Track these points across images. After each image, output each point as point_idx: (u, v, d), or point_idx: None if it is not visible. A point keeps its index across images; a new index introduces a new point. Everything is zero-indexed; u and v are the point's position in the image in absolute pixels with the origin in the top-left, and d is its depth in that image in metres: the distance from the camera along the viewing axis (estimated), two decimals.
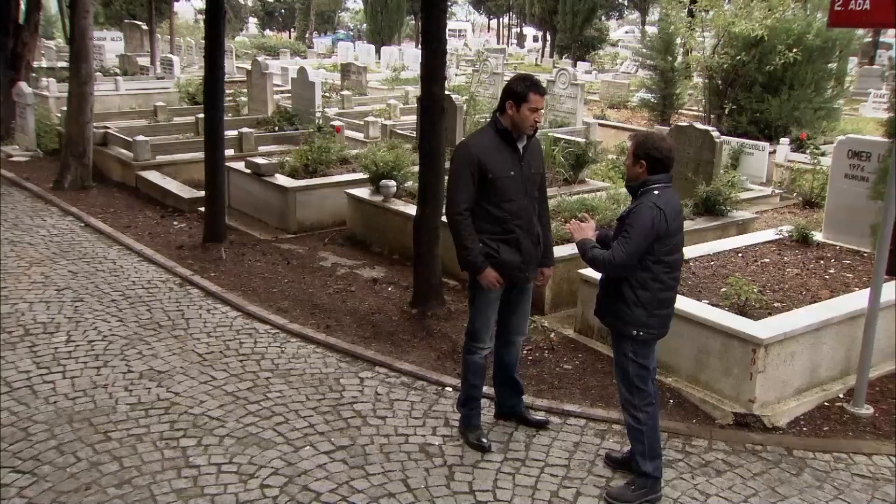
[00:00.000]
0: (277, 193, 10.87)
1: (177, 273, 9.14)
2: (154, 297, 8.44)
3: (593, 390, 6.53)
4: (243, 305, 8.17)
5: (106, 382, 6.51)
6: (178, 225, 11.17)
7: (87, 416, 5.95)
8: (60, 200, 11.97)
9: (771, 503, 5.20)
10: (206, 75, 9.99)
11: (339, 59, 34.48)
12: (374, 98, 21.34)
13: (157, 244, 10.21)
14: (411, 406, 6.22)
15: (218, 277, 9.00)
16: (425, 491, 5.14)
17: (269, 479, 5.22)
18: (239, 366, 6.88)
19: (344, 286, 8.82)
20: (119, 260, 9.58)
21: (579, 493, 5.17)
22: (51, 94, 17.29)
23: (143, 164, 13.02)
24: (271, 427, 5.87)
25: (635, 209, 4.85)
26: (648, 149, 4.89)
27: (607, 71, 28.61)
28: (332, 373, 6.78)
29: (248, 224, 11.04)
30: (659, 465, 5.15)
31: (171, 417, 5.98)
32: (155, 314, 7.96)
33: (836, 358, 6.72)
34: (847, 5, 5.84)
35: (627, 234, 4.80)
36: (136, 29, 31.55)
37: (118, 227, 10.85)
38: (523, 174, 5.36)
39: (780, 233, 8.83)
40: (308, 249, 10.09)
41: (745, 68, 16.06)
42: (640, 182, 4.92)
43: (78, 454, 5.46)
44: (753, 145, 13.88)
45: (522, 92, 5.22)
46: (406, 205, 9.71)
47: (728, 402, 6.29)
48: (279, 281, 8.94)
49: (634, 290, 4.91)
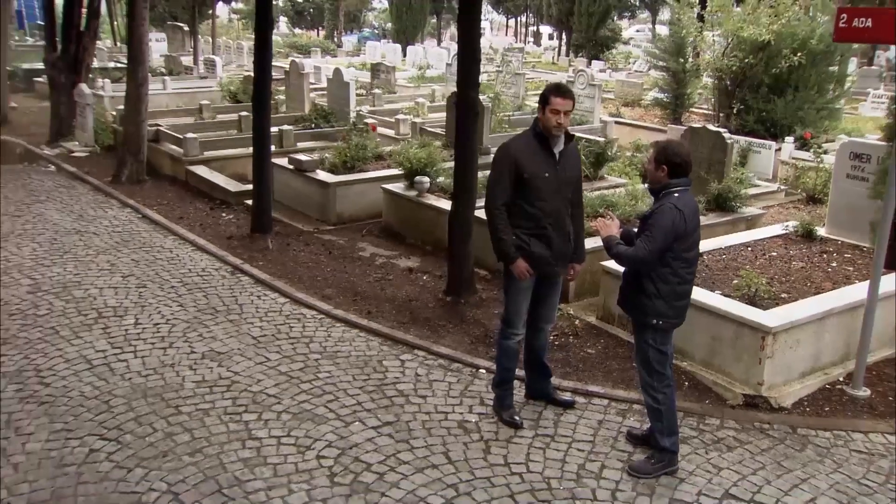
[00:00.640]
0: (319, 188, 11.04)
1: (228, 262, 9.32)
2: (209, 283, 8.65)
3: (615, 373, 6.71)
4: (291, 292, 8.34)
5: (172, 362, 6.75)
6: (226, 216, 11.35)
7: (159, 392, 6.21)
8: (119, 193, 12.18)
9: (777, 476, 5.37)
10: (255, 81, 10.17)
11: (367, 58, 34.50)
12: (403, 96, 21.39)
13: (209, 234, 10.39)
14: (449, 386, 6.42)
15: (266, 266, 9.16)
16: (465, 463, 5.36)
17: (323, 451, 5.45)
18: (290, 348, 7.08)
19: (382, 275, 9.00)
20: (175, 249, 9.79)
21: (604, 466, 5.38)
22: (105, 94, 17.53)
23: (192, 160, 13.21)
24: (323, 404, 6.09)
25: (657, 210, 5.06)
26: (669, 155, 5.10)
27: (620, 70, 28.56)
28: (375, 355, 6.98)
29: (291, 216, 11.17)
30: (676, 440, 5.37)
31: (233, 394, 6.21)
32: (211, 300, 8.17)
33: (836, 344, 6.86)
34: (850, 23, 5.99)
35: (650, 233, 5.01)
36: (179, 30, 31.75)
37: (172, 219, 11.04)
38: (558, 176, 5.54)
39: (786, 228, 8.93)
40: (348, 240, 10.23)
41: (753, 70, 16.08)
42: (662, 185, 5.13)
43: (154, 425, 5.73)
44: (760, 144, 13.95)
45: (545, 95, 5.44)
46: (438, 199, 9.88)
47: (738, 385, 6.45)
48: (322, 270, 9.12)
49: (654, 283, 5.12)
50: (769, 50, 15.70)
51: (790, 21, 15.45)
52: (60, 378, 6.39)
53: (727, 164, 9.99)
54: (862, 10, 6.18)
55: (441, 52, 34.20)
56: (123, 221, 10.91)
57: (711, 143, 10.04)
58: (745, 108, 16.44)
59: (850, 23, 5.98)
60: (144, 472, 5.17)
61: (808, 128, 15.11)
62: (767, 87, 16.10)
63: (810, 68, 15.68)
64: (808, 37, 15.49)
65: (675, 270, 5.10)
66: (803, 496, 5.18)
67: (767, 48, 15.70)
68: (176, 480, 5.08)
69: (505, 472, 5.28)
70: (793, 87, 15.83)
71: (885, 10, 6.23)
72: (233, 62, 29.97)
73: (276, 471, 5.23)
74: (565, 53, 39.88)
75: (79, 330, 7.31)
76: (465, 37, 8.05)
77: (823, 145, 13.98)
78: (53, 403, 5.99)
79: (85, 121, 15.07)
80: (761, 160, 13.57)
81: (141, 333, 7.30)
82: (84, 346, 6.99)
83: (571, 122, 14.67)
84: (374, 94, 20.02)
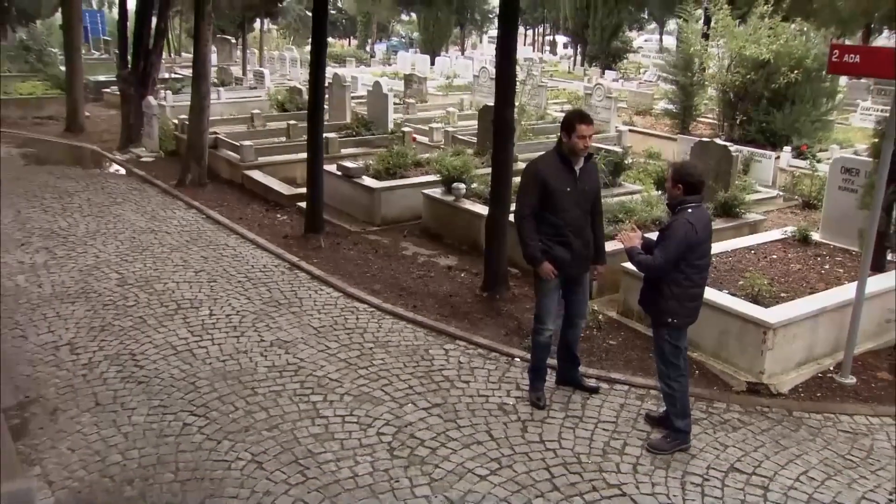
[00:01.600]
0: (365, 192, 11.31)
1: (285, 259, 9.59)
2: (270, 278, 8.95)
3: (634, 362, 7.02)
4: (344, 287, 8.62)
5: (245, 349, 7.09)
6: (280, 217, 11.58)
7: (237, 375, 6.58)
8: (184, 196, 12.50)
9: (775, 452, 5.69)
10: (310, 95, 10.39)
11: (398, 68, 34.73)
12: (433, 105, 21.61)
13: (266, 234, 10.63)
14: (488, 373, 6.74)
15: (320, 263, 9.41)
16: (505, 440, 5.71)
17: (383, 429, 5.80)
18: (347, 337, 7.40)
19: (424, 272, 9.28)
20: (238, 247, 10.08)
21: (626, 444, 5.72)
22: (167, 104, 17.92)
23: (248, 165, 13.49)
24: (379, 388, 6.43)
25: (673, 223, 5.40)
26: (684, 175, 5.45)
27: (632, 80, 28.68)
28: (421, 345, 7.29)
29: (339, 217, 11.36)
30: (688, 422, 5.71)
31: (301, 378, 6.56)
32: (273, 293, 8.48)
33: (828, 338, 7.12)
34: (842, 58, 6.30)
35: (666, 244, 5.37)
36: (227, 43, 32.10)
37: (232, 219, 11.31)
38: (578, 190, 5.91)
39: (784, 233, 9.13)
40: (391, 240, 10.46)
41: (754, 85, 16.33)
42: (678, 201, 5.46)
43: (235, 404, 6.11)
44: (761, 154, 14.15)
45: (571, 122, 5.82)
46: (473, 204, 10.15)
47: (742, 373, 6.74)
48: (370, 267, 9.39)
49: (670, 286, 5.46)
50: (769, 67, 16.00)
51: (787, 41, 15.68)
52: (152, 362, 6.79)
53: (732, 175, 10.25)
54: (851, 48, 6.55)
55: (467, 62, 34.44)
56: (190, 221, 11.23)
57: (719, 156, 10.30)
58: (747, 120, 16.71)
59: (841, 58, 6.30)
60: (231, 443, 5.56)
61: (804, 138, 15.33)
62: (767, 101, 16.35)
63: (806, 84, 15.94)
64: (803, 56, 15.77)
65: (687, 276, 5.44)
66: (797, 469, 5.51)
67: (767, 66, 16.00)
68: (258, 452, 5.47)
69: (540, 448, 5.63)
70: (790, 100, 16.08)
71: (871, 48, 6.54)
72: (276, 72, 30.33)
73: (342, 445, 5.59)
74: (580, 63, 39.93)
75: (162, 319, 7.69)
76: (503, 63, 8.34)
77: (817, 154, 14.21)
78: (149, 383, 6.40)
79: (151, 129, 15.49)
80: (762, 168, 13.79)
81: (216, 323, 7.65)
82: (168, 333, 7.38)
83: None
84: (407, 102, 20.30)
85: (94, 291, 8.35)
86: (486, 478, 5.24)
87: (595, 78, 29.79)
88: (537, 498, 5.06)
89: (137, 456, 5.40)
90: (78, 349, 7.00)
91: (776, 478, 5.40)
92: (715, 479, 5.36)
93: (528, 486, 5.18)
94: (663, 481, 5.30)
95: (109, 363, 6.74)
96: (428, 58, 36.59)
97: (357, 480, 5.17)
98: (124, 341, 7.17)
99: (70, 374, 6.55)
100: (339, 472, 5.26)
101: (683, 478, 5.35)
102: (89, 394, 6.22)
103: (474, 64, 33.46)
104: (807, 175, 13.19)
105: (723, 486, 5.28)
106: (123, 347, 7.04)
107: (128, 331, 7.40)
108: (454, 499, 5.01)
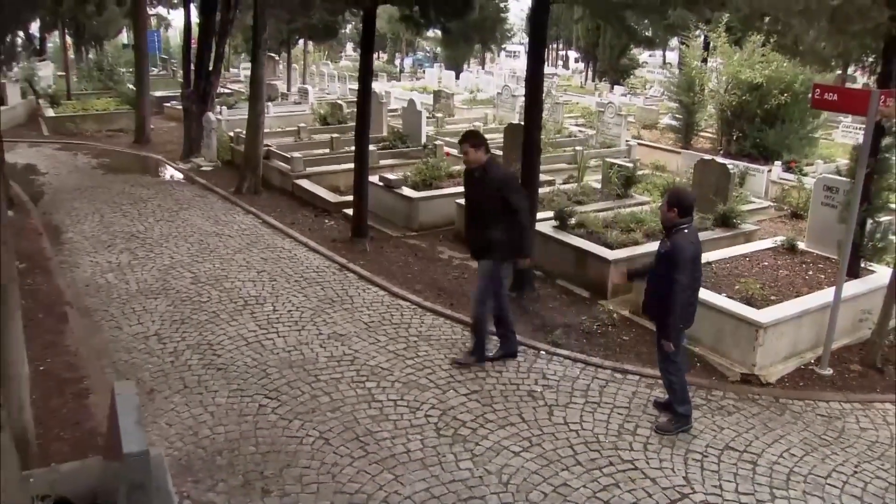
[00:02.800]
0: (404, 201, 11.68)
1: (335, 261, 9.93)
2: (323, 278, 9.33)
3: (644, 355, 7.37)
4: (389, 287, 8.97)
5: (306, 341, 7.50)
6: (328, 223, 11.93)
7: (301, 364, 7.00)
8: (242, 202, 12.89)
9: (763, 434, 6.09)
10: (357, 112, 10.81)
11: (426, 82, 35.14)
12: (460, 118, 21.89)
13: (316, 237, 10.96)
14: (518, 364, 7.11)
15: (366, 265, 9.75)
16: (535, 422, 6.11)
17: (429, 412, 6.22)
18: (394, 332, 7.78)
19: (459, 273, 9.62)
20: (292, 250, 10.45)
21: (637, 426, 6.12)
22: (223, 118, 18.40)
23: (297, 175, 13.85)
24: (424, 376, 6.82)
25: (680, 245, 5.64)
26: (681, 200, 5.77)
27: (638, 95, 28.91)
28: (459, 339, 7.65)
29: (380, 223, 11.69)
30: (689, 408, 6.08)
31: (356, 367, 6.97)
32: (327, 292, 8.85)
33: (810, 335, 7.46)
34: (823, 96, 6.70)
35: (681, 266, 5.59)
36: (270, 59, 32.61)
37: (286, 224, 11.65)
38: (471, 194, 7.02)
39: (775, 242, 9.41)
40: (428, 244, 10.79)
41: (749, 105, 16.76)
42: (673, 224, 5.77)
43: (301, 388, 6.53)
44: (755, 168, 14.47)
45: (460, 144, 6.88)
46: None
47: (737, 366, 7.11)
48: (411, 268, 9.75)
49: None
50: (762, 90, 16.46)
51: (778, 68, 16.06)
52: (227, 351, 7.25)
53: (730, 190, 10.55)
54: (830, 87, 6.97)
55: (488, 77, 34.81)
56: (249, 226, 11.62)
57: (718, 173, 10.60)
58: (743, 136, 17.15)
59: (822, 95, 6.71)
60: (301, 423, 6.00)
61: (793, 153, 15.71)
62: (760, 119, 16.78)
63: (794, 105, 16.34)
64: (792, 80, 16.21)
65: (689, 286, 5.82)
66: (781, 448, 5.92)
67: (760, 88, 16.47)
68: (324, 430, 5.91)
69: (564, 429, 6.03)
70: (781, 119, 16.48)
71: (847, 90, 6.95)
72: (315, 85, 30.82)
73: (395, 425, 6.01)
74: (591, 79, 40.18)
75: (233, 314, 8.14)
76: (532, 91, 8.64)
77: (804, 168, 14.56)
78: (227, 370, 6.86)
79: (210, 141, 15.97)
80: (756, 181, 14.08)
81: (279, 318, 8.06)
82: (239, 326, 7.82)
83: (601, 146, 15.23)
84: (437, 117, 20.65)
85: (172, 289, 8.83)
86: (519, 454, 5.66)
87: (605, 93, 30.07)
88: (563, 471, 5.47)
89: (223, 431, 5.86)
90: (164, 339, 7.48)
91: (763, 454, 5.80)
92: (712, 455, 5.76)
93: (554, 461, 5.59)
94: (669, 457, 5.69)
95: (192, 352, 7.21)
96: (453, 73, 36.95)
97: (409, 455, 5.60)
98: (202, 333, 7.64)
99: (160, 360, 7.03)
100: (394, 448, 5.68)
101: (686, 455, 5.74)
102: (178, 378, 6.70)
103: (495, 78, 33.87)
104: (795, 187, 13.53)
105: (719, 462, 5.68)
106: (202, 338, 7.51)
107: (204, 324, 7.86)
108: (492, 471, 5.44)
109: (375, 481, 5.28)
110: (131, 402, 3.65)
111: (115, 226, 11.29)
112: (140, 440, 3.32)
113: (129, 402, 3.63)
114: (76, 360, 6.92)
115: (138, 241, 10.57)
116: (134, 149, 17.95)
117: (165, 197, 13.27)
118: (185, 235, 10.95)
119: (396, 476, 5.35)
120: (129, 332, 7.61)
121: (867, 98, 6.45)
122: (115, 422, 3.55)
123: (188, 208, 12.54)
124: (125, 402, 3.62)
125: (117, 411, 3.56)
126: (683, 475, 5.49)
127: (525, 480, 5.34)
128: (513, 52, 65.93)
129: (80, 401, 6.23)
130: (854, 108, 6.97)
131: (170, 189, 13.94)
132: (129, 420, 3.44)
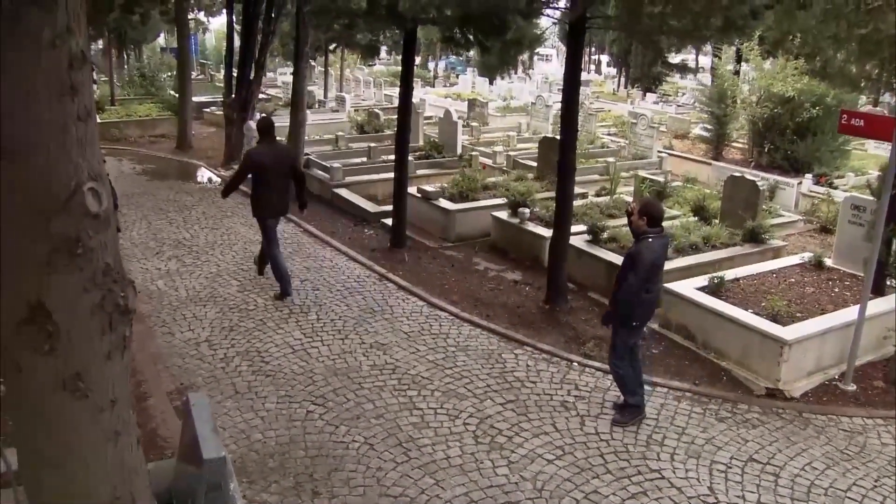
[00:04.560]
0: (441, 213, 12.04)
1: (375, 271, 10.26)
2: (364, 288, 9.68)
3: (672, 368, 7.69)
4: (427, 297, 9.30)
5: (350, 350, 7.89)
6: (367, 232, 12.25)
7: (345, 372, 7.40)
8: None
9: (786, 447, 6.39)
10: (398, 126, 11.18)
11: (459, 89, 35.46)
12: (494, 127, 22.14)
13: (356, 247, 11.28)
14: (552, 375, 7.47)
15: (405, 275, 10.06)
16: (567, 431, 6.47)
17: (468, 420, 6.58)
18: (433, 342, 8.14)
19: (495, 285, 9.94)
20: (333, 259, 10.83)
21: (665, 437, 6.45)
22: None
23: (337, 184, 14.23)
24: (462, 385, 7.19)
25: (642, 250, 6.14)
26: (649, 210, 6.27)
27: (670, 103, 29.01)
28: (495, 349, 8.01)
29: (418, 233, 11.96)
30: (639, 399, 6.62)
31: (398, 376, 7.34)
32: (368, 301, 9.20)
33: (834, 351, 7.70)
34: (850, 122, 7.01)
35: (637, 268, 6.11)
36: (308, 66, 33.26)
37: (326, 233, 12.00)
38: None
39: (802, 258, 9.62)
40: (465, 256, 11.10)
41: (781, 118, 17.05)
42: (641, 231, 6.23)
43: (346, 396, 6.94)
44: (785, 182, 14.65)
45: None
46: (536, 226, 10.85)
47: (762, 380, 7.38)
48: (448, 279, 10.07)
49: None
50: (793, 103, 16.74)
51: (810, 81, 16.24)
52: (275, 358, 7.69)
53: (759, 205, 10.79)
54: (857, 114, 7.28)
55: (522, 85, 35.11)
56: (290, 234, 12.00)
57: (748, 189, 10.86)
58: (774, 148, 17.40)
59: (849, 121, 7.02)
60: (347, 428, 6.42)
61: (824, 166, 15.93)
62: (792, 132, 17.01)
63: (826, 118, 16.49)
64: (824, 94, 16.38)
65: (648, 289, 6.25)
66: (803, 461, 6.21)
67: (792, 101, 16.73)
68: (369, 436, 6.32)
69: (595, 439, 6.38)
70: (812, 132, 16.70)
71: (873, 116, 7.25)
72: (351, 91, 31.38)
73: (436, 432, 6.40)
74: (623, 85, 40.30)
75: (279, 322, 8.56)
76: (567, 115, 8.94)
77: (835, 181, 14.73)
78: (275, 377, 7.30)
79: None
80: (786, 195, 14.23)
81: (323, 327, 8.46)
82: (286, 334, 8.25)
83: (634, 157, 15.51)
84: (471, 126, 20.98)
85: (220, 296, 9.31)
86: (553, 462, 6.04)
87: (637, 101, 30.19)
88: (594, 479, 5.84)
89: (274, 436, 6.31)
90: (214, 345, 7.96)
91: (786, 467, 6.11)
92: (736, 466, 6.07)
93: (586, 469, 5.96)
94: (695, 468, 6.03)
95: (241, 358, 7.67)
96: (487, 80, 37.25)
97: (450, 461, 6.01)
98: (251, 340, 8.09)
99: (211, 366, 7.51)
100: (434, 454, 6.09)
101: (711, 465, 6.07)
102: (229, 383, 7.17)
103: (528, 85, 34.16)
104: (824, 201, 13.70)
105: (742, 473, 5.99)
106: (251, 345, 7.96)
107: (252, 331, 8.32)
108: (527, 477, 5.83)
109: (418, 485, 5.70)
110: (206, 410, 4.11)
111: (163, 233, 11.84)
112: (217, 447, 3.77)
113: (204, 411, 4.09)
114: (133, 365, 7.41)
115: (185, 249, 11.09)
116: (176, 155, 18.55)
117: (209, 204, 13.79)
118: (230, 243, 11.43)
119: (437, 481, 5.76)
120: (181, 339, 8.10)
121: (892, 125, 6.74)
122: (191, 429, 4.00)
123: (231, 216, 13.03)
124: (200, 411, 4.08)
125: (194, 419, 4.01)
126: (708, 485, 5.82)
127: (558, 487, 5.72)
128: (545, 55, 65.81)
129: (139, 403, 6.72)
130: (880, 134, 7.26)
131: (213, 196, 14.43)
132: (207, 428, 3.89)
